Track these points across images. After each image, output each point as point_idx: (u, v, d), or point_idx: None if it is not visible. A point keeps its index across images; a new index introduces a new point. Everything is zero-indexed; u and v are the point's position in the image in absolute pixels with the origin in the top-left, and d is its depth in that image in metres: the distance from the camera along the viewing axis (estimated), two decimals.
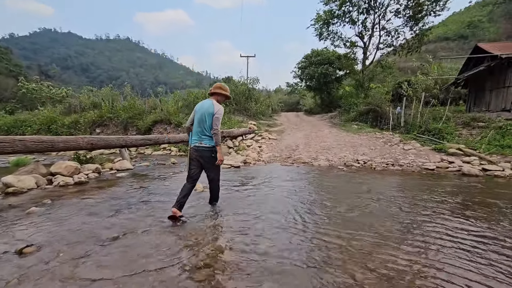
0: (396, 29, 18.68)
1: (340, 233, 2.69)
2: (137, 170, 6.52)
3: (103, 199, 3.80)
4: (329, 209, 3.45)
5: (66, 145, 5.52)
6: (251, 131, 12.04)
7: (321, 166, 7.06)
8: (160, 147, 11.99)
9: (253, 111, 17.18)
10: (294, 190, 4.44)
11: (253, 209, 3.49)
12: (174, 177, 5.61)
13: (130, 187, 4.60)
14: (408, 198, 4.03)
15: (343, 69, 22.51)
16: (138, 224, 2.87)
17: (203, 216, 3.22)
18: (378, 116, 14.15)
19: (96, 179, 5.34)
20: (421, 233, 2.74)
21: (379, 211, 3.42)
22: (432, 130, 9.82)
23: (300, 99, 33.39)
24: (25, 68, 64.67)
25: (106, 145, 6.31)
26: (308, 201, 3.82)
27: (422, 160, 7.23)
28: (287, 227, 2.87)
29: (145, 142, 7.31)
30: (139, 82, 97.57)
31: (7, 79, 42.06)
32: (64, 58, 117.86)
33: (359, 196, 4.11)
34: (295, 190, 4.41)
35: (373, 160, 7.36)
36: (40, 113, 16.67)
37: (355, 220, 3.08)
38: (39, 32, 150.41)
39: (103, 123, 15.28)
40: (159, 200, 3.81)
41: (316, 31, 19.84)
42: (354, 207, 3.53)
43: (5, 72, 50.00)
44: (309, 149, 9.11)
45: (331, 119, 18.68)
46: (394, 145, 9.13)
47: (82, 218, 3.06)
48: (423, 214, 3.33)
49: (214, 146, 3.20)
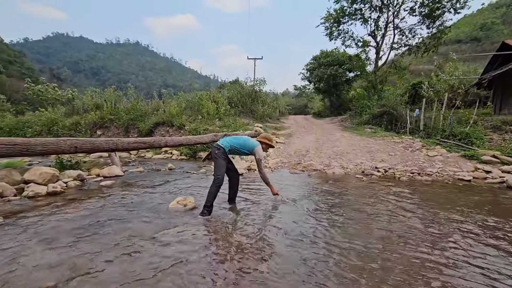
0: (411, 28, 17.69)
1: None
2: (127, 177, 5.79)
3: (68, 218, 3.05)
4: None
5: (44, 148, 4.81)
6: (256, 134, 11.25)
7: (336, 174, 6.19)
8: (161, 150, 11.32)
9: (260, 113, 16.41)
10: (309, 211, 3.52)
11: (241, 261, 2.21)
12: (164, 186, 4.85)
13: (110, 199, 3.86)
14: (470, 222, 3.11)
15: (354, 70, 21.57)
16: (92, 262, 2.09)
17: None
18: (393, 119, 13.20)
19: (76, 188, 4.63)
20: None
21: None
22: (458, 135, 8.82)
23: (308, 102, 32.55)
24: (37, 71, 66.11)
25: (93, 148, 5.60)
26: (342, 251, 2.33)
27: (452, 168, 6.29)
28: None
29: (138, 145, 6.58)
30: (147, 85, 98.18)
31: (19, 81, 42.63)
32: (75, 61, 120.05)
33: (407, 226, 2.97)
34: (309, 212, 3.57)
35: (395, 168, 6.45)
36: (42, 115, 16.30)
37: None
38: (52, 37, 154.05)
39: (104, 125, 14.75)
40: (137, 217, 3.04)
41: (326, 30, 18.98)
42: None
43: (17, 75, 50.95)
44: (321, 154, 8.25)
45: (342, 122, 17.77)
46: (416, 151, 8.18)
47: (24, 249, 2.30)
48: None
49: (224, 147, 3.54)
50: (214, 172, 3.49)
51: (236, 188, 3.83)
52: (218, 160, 3.47)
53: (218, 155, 3.48)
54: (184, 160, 9.62)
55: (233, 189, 3.82)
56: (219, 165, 3.47)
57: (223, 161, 3.48)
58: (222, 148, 3.51)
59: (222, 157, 3.49)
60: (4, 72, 48.77)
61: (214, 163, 3.56)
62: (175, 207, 3.41)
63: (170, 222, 2.94)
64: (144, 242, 2.43)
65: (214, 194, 3.34)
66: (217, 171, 3.46)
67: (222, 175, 3.45)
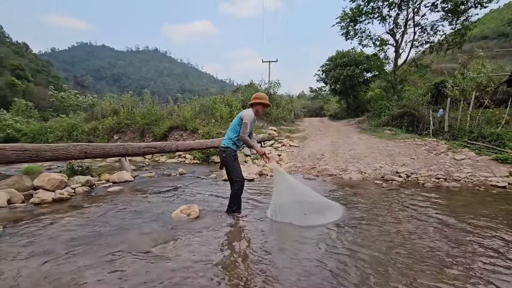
0: (433, 25, 16.82)
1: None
2: (136, 182, 5.71)
3: (68, 227, 2.93)
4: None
5: (54, 154, 4.84)
6: (270, 137, 11.00)
7: (353, 179, 5.80)
8: (175, 154, 11.33)
9: (274, 116, 16.15)
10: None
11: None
12: (172, 193, 4.69)
13: (114, 207, 3.73)
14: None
15: (372, 70, 20.83)
16: (79, 279, 1.91)
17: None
18: (414, 120, 12.50)
19: (83, 194, 4.56)
20: None
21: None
22: (488, 136, 8.12)
23: (324, 104, 31.89)
24: (63, 79, 69.60)
25: (103, 153, 5.59)
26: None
27: (483, 173, 5.71)
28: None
29: (149, 150, 6.53)
30: (165, 91, 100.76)
31: (45, 89, 45.01)
32: (97, 69, 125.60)
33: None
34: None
35: (418, 173, 5.97)
36: (63, 120, 16.92)
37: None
38: (77, 46, 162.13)
39: (120, 130, 15.06)
40: (137, 227, 2.87)
41: (342, 30, 18.46)
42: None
43: (44, 83, 53.79)
44: (337, 158, 7.85)
45: (359, 124, 17.12)
46: (441, 154, 7.59)
47: (13, 261, 2.18)
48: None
49: (228, 146, 3.28)
50: (231, 176, 3.33)
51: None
52: (228, 164, 3.28)
53: (227, 159, 3.26)
54: (197, 164, 9.52)
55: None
56: (232, 169, 3.28)
57: (234, 162, 3.28)
58: (225, 148, 3.27)
59: (232, 159, 3.27)
60: (32, 80, 51.70)
61: (226, 169, 3.37)
62: (178, 217, 3.22)
63: (169, 234, 2.74)
64: (138, 257, 2.24)
65: (237, 195, 3.32)
66: (233, 174, 3.28)
67: (241, 176, 3.28)
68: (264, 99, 3.38)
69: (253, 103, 3.36)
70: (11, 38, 67.95)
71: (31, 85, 48.10)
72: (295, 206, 3.07)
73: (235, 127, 3.28)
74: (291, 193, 3.13)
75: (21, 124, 18.96)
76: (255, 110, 3.36)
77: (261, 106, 3.38)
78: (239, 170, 3.30)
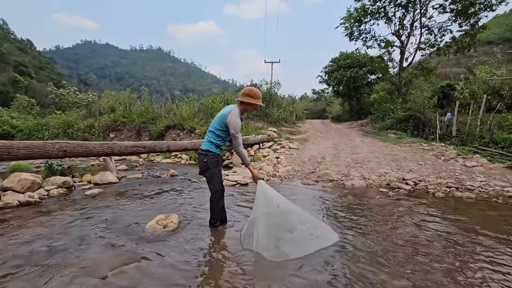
0: (441, 27, 16.32)
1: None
2: (120, 184, 5.27)
3: (22, 239, 2.50)
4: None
5: (29, 152, 4.41)
6: (269, 138, 10.55)
7: (356, 186, 5.33)
8: (170, 154, 10.93)
9: (275, 117, 15.70)
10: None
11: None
12: (155, 198, 4.25)
13: (84, 214, 3.30)
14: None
15: (376, 72, 20.34)
16: None
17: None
18: (420, 124, 12.01)
19: (57, 197, 4.13)
20: None
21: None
22: (501, 142, 7.62)
23: (326, 106, 31.40)
24: (66, 76, 69.59)
25: (85, 152, 5.16)
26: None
27: (499, 182, 5.22)
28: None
29: (137, 150, 6.10)
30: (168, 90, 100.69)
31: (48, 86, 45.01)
32: (101, 67, 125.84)
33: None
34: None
35: (427, 181, 5.48)
36: (58, 117, 16.58)
37: None
38: (81, 44, 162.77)
39: (117, 128, 14.69)
40: (102, 241, 2.43)
41: (346, 31, 18.01)
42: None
43: (47, 80, 53.73)
44: (338, 162, 7.38)
45: (362, 126, 16.61)
46: (451, 160, 7.10)
47: None
48: None
49: (209, 150, 2.74)
50: (209, 185, 2.81)
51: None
52: (209, 171, 2.74)
53: (208, 165, 2.72)
54: (193, 165, 9.11)
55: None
56: (211, 176, 2.75)
57: (215, 169, 2.75)
58: (206, 151, 2.74)
59: (214, 164, 2.73)
60: (35, 77, 51.69)
61: (205, 177, 2.82)
62: (152, 229, 2.77)
63: (138, 251, 2.30)
64: (88, 285, 1.80)
65: (217, 207, 2.81)
66: (211, 183, 2.77)
67: (219, 187, 2.78)
68: (257, 98, 2.77)
69: (243, 102, 2.78)
70: (15, 35, 68.24)
71: (33, 82, 48.05)
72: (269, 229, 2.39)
73: (217, 131, 2.75)
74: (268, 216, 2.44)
75: (17, 120, 18.65)
76: (242, 109, 2.82)
77: (253, 106, 2.82)
78: (219, 179, 2.80)
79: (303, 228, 2.48)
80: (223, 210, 2.90)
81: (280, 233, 2.40)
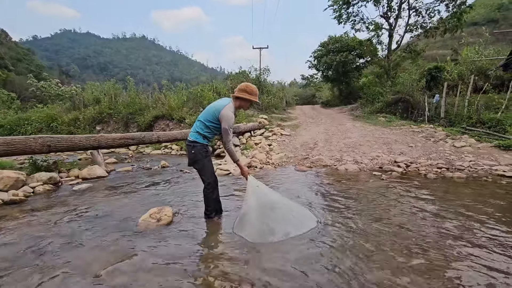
0: (428, 8, 16.26)
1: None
2: (110, 178, 5.13)
3: (6, 240, 2.37)
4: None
5: (9, 148, 4.19)
6: (260, 126, 10.45)
7: (349, 171, 5.35)
8: (160, 145, 10.72)
9: (265, 104, 15.54)
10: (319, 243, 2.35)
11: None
12: (146, 191, 4.15)
13: (73, 211, 3.17)
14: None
15: (365, 56, 20.27)
16: None
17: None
18: (409, 107, 12.14)
19: (44, 194, 3.97)
20: None
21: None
22: (488, 122, 7.78)
23: (316, 91, 31.35)
24: (47, 68, 66.55)
25: (71, 146, 4.95)
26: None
27: (487, 162, 5.34)
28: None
29: (126, 141, 5.90)
30: (155, 79, 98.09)
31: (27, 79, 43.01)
32: (83, 58, 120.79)
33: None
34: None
35: (418, 162, 5.57)
36: (40, 111, 15.91)
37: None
38: (60, 33, 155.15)
39: (103, 120, 14.24)
40: (93, 238, 2.33)
41: (335, 13, 17.73)
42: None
43: (26, 72, 51.28)
44: (331, 147, 7.40)
45: (352, 111, 16.70)
46: (440, 141, 7.22)
47: None
48: None
49: (196, 141, 2.64)
50: (201, 177, 2.74)
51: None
52: (198, 162, 2.66)
53: (197, 156, 2.63)
54: (183, 155, 8.97)
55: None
56: (202, 168, 2.68)
57: (204, 159, 2.67)
58: (193, 142, 2.64)
59: (203, 155, 2.65)
60: (13, 70, 49.15)
61: (196, 168, 2.74)
62: (145, 223, 2.69)
63: (130, 248, 2.22)
64: (81, 286, 1.72)
65: (211, 199, 2.75)
66: (203, 175, 2.70)
67: (212, 178, 2.71)
68: (254, 94, 2.67)
69: (239, 97, 2.67)
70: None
71: (11, 75, 45.73)
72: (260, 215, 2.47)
73: (207, 122, 2.63)
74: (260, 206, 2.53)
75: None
76: (238, 105, 2.70)
77: (249, 102, 2.71)
78: (211, 170, 2.72)
79: (289, 214, 2.61)
80: (217, 201, 2.83)
81: (270, 222, 2.45)
